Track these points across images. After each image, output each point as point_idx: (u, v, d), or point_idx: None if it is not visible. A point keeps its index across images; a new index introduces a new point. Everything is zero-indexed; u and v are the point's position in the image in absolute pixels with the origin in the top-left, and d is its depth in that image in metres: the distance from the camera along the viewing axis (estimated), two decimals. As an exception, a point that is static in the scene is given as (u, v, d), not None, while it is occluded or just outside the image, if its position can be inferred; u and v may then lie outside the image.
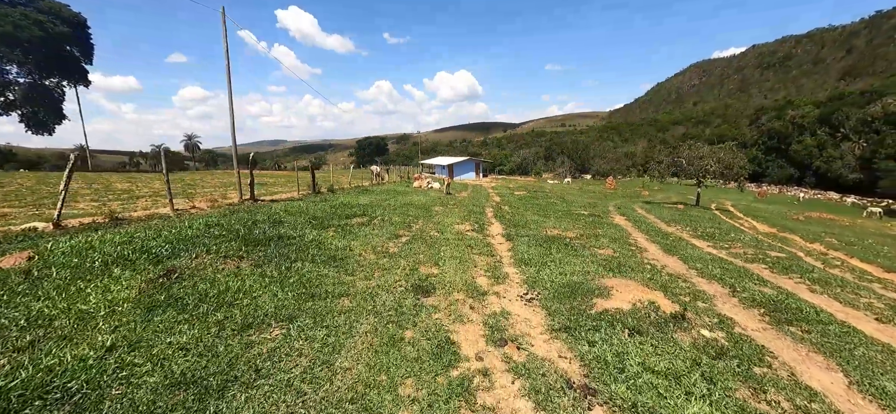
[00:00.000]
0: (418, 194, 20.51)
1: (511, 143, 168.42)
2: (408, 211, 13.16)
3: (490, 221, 12.69)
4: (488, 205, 17.80)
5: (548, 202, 20.92)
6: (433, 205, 15.95)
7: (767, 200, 50.11)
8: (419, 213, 13.03)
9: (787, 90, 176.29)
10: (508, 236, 9.84)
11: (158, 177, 30.60)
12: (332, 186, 18.91)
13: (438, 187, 26.93)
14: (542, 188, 35.87)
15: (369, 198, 16.64)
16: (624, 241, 10.57)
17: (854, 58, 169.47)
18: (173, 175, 36.33)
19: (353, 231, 8.89)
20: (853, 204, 52.48)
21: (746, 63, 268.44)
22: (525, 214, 14.79)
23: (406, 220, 11.22)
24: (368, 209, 12.63)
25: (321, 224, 9.40)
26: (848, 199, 58.01)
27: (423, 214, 12.95)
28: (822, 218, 30.66)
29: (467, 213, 14.05)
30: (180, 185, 20.59)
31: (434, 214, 13.04)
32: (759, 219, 25.31)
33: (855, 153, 75.50)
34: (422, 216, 12.32)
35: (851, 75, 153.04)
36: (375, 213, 12.05)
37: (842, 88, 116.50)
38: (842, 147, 79.87)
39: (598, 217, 15.71)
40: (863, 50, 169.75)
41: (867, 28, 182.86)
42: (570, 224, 12.87)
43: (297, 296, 4.60)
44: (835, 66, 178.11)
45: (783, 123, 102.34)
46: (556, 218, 14.33)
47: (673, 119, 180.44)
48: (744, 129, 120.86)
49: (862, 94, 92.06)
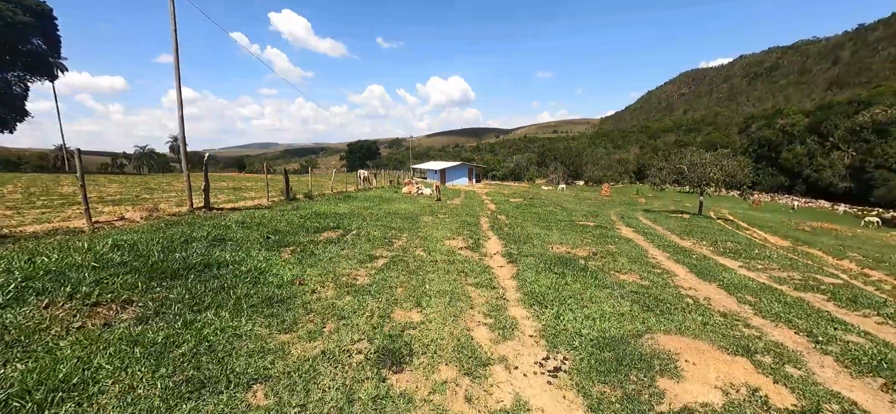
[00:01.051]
0: (406, 201, 18.70)
1: (504, 149, 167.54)
2: (391, 222, 11.33)
3: (486, 234, 10.92)
4: (483, 214, 16.06)
5: (546, 211, 19.26)
6: (422, 214, 14.15)
7: (763, 209, 49.20)
8: (405, 224, 11.21)
9: (776, 99, 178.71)
10: (510, 256, 8.06)
11: (130, 178, 28.33)
12: (311, 192, 16.98)
13: (429, 194, 25.16)
14: (538, 195, 34.29)
15: (350, 206, 14.78)
16: (644, 261, 8.87)
17: (840, 69, 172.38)
18: (148, 178, 34.01)
19: (316, 252, 7.02)
20: (845, 213, 52.22)
21: (734, 73, 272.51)
22: (525, 226, 13.06)
23: (388, 234, 9.40)
24: (345, 220, 10.77)
25: (279, 242, 7.53)
26: (839, 208, 57.78)
27: (409, 225, 11.14)
28: (825, 228, 29.55)
29: (460, 224, 12.27)
30: (139, 189, 18.49)
31: (422, 226, 11.23)
32: (766, 229, 23.98)
33: (845, 162, 75.78)
34: (407, 229, 10.50)
35: (838, 86, 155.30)
36: (352, 224, 10.20)
37: (829, 98, 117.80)
38: (831, 156, 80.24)
39: (605, 229, 14.05)
40: (848, 61, 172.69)
41: (852, 40, 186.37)
42: (577, 238, 11.16)
43: (171, 391, 2.73)
44: (821, 76, 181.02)
45: (773, 132, 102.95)
46: (560, 230, 12.62)
47: (664, 127, 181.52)
48: (734, 137, 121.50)
49: (849, 104, 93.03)
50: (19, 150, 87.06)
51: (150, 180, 27.93)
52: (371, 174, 33.46)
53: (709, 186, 26.27)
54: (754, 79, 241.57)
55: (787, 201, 62.16)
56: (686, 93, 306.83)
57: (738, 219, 29.70)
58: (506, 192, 34.05)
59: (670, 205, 38.12)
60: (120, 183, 22.04)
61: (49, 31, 35.61)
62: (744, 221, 28.13)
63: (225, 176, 42.02)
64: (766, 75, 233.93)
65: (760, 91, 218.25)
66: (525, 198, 28.18)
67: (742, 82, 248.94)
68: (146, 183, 23.82)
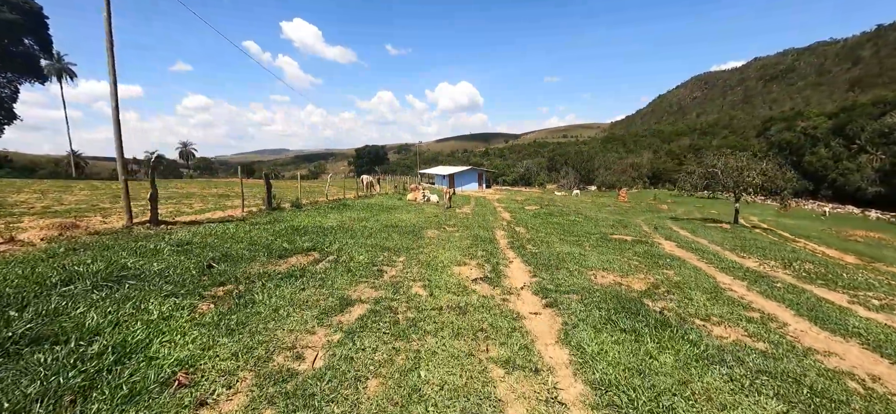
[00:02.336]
0: (410, 211, 16.52)
1: (513, 154, 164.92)
2: (387, 239, 9.15)
3: (505, 254, 8.66)
4: (498, 225, 13.80)
5: (568, 220, 16.93)
6: (426, 226, 11.95)
7: (791, 215, 45.99)
8: (403, 242, 9.03)
9: (794, 101, 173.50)
10: (545, 294, 5.80)
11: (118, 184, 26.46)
12: (299, 200, 14.87)
13: (436, 201, 22.96)
14: (554, 201, 31.89)
15: (342, 216, 12.65)
16: (725, 297, 6.53)
17: (861, 69, 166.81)
18: (146, 183, 32.04)
19: (259, 296, 4.78)
20: (878, 219, 49.51)
21: (749, 75, 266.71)
22: (550, 241, 10.78)
23: (378, 258, 7.21)
24: (328, 237, 8.62)
25: (221, 275, 5.39)
26: (871, 214, 54.73)
27: (408, 243, 8.95)
28: (876, 238, 26.67)
29: (472, 240, 10.04)
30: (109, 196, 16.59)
31: (424, 244, 9.03)
32: (814, 239, 21.34)
33: (873, 165, 72.16)
34: (405, 248, 8.31)
35: (860, 87, 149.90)
36: (335, 244, 8.05)
37: (852, 99, 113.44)
38: (859, 159, 76.67)
39: (646, 244, 11.69)
40: (869, 61, 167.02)
41: (871, 40, 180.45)
42: (621, 260, 8.85)
43: None
44: (841, 77, 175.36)
45: (795, 135, 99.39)
46: (595, 248, 10.31)
47: (677, 130, 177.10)
48: (752, 141, 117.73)
49: (874, 105, 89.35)
50: (33, 156, 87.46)
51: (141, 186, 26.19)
52: (374, 179, 31.39)
53: (747, 192, 23.69)
54: (769, 81, 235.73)
55: (814, 207, 58.83)
56: (698, 96, 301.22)
57: (776, 227, 27.00)
58: (519, 199, 31.70)
59: (695, 212, 35.37)
60: (97, 189, 20.23)
61: (39, 31, 34.26)
62: (784, 230, 25.42)
63: (221, 182, 40.35)
64: (781, 77, 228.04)
65: (776, 93, 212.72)
66: (541, 205, 25.83)
67: (757, 85, 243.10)
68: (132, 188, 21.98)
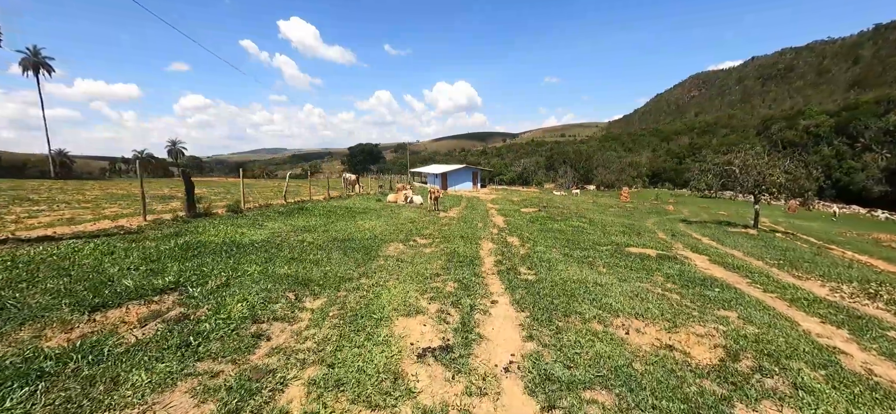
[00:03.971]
0: (383, 215, 13.88)
1: (511, 153, 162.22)
2: (320, 263, 6.47)
3: (488, 287, 5.99)
4: (486, 234, 11.16)
5: (571, 226, 14.32)
6: (392, 238, 9.31)
7: (802, 216, 43.59)
8: (342, 267, 6.35)
9: (793, 100, 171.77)
10: (549, 395, 3.14)
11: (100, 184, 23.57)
12: (239, 204, 12.11)
13: (420, 202, 20.32)
14: (552, 201, 29.25)
15: (285, 225, 9.97)
16: (843, 374, 3.93)
17: (862, 68, 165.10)
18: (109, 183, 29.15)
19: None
20: (888, 219, 47.84)
21: (747, 74, 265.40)
22: (551, 258, 8.17)
23: (274, 304, 4.39)
24: (225, 262, 5.93)
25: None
26: (880, 214, 53.09)
27: (349, 269, 6.28)
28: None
29: (446, 260, 7.39)
30: (45, 195, 13.91)
31: (373, 270, 6.36)
32: (844, 245, 18.84)
33: (879, 164, 70.45)
34: (338, 281, 5.61)
35: (860, 86, 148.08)
36: (226, 274, 5.36)
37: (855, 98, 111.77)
38: (864, 158, 75.06)
39: (672, 260, 9.10)
40: (869, 60, 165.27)
41: (871, 39, 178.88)
42: (651, 291, 6.26)
43: None
44: (841, 76, 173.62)
45: (797, 133, 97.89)
46: (613, 269, 7.70)
47: (676, 129, 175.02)
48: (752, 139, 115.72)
49: (877, 103, 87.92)
50: (24, 155, 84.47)
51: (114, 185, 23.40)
52: (353, 179, 28.71)
53: (769, 194, 21.21)
54: (768, 80, 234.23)
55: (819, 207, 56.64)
56: (696, 95, 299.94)
57: (795, 231, 24.54)
58: (515, 200, 29.05)
59: (703, 214, 32.86)
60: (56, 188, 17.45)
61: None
62: (805, 234, 22.97)
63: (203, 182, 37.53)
64: (780, 77, 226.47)
65: (775, 92, 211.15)
66: (538, 206, 23.21)
67: (755, 84, 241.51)
68: (81, 189, 19.26)
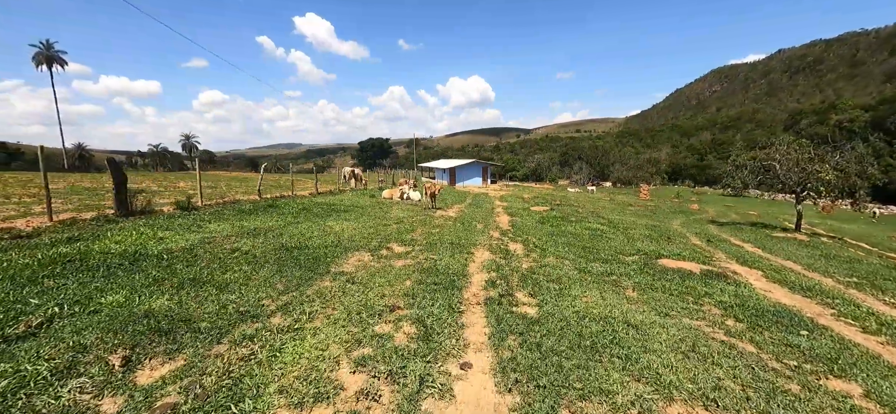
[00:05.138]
0: (367, 213, 12.00)
1: (524, 149, 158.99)
2: (217, 294, 4.59)
3: (464, 327, 4.02)
4: (484, 240, 9.14)
5: (587, 228, 12.19)
6: (362, 245, 7.40)
7: (838, 217, 40.09)
8: (257, 296, 4.44)
9: (824, 94, 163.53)
10: None
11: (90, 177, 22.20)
12: (190, 201, 10.30)
13: (419, 199, 18.42)
14: (566, 199, 26.99)
15: (227, 227, 8.14)
16: None
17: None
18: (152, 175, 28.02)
19: None
20: None
21: (773, 67, 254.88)
22: (562, 275, 6.15)
23: (63, 392, 2.74)
24: (69, 300, 4.10)
25: None
26: (924, 216, 48.96)
27: (267, 299, 4.41)
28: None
29: (418, 279, 5.43)
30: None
31: (306, 298, 4.47)
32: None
33: (920, 161, 65.84)
34: (219, 332, 3.73)
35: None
36: (27, 333, 3.61)
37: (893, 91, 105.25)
38: (904, 154, 70.28)
39: (720, 278, 6.98)
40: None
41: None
42: (706, 335, 4.23)
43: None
44: (876, 68, 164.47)
45: (828, 128, 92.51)
46: (645, 292, 5.65)
47: (697, 124, 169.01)
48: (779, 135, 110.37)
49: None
50: (49, 150, 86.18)
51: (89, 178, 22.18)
52: (349, 172, 26.94)
53: (816, 193, 18.64)
54: (796, 73, 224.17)
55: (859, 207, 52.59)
56: (718, 90, 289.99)
57: (840, 234, 21.84)
58: (526, 197, 26.87)
59: (732, 214, 30.11)
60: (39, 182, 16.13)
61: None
62: (855, 239, 20.28)
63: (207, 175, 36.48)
64: (809, 69, 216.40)
65: (804, 86, 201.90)
66: (551, 204, 21.05)
67: (783, 77, 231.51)
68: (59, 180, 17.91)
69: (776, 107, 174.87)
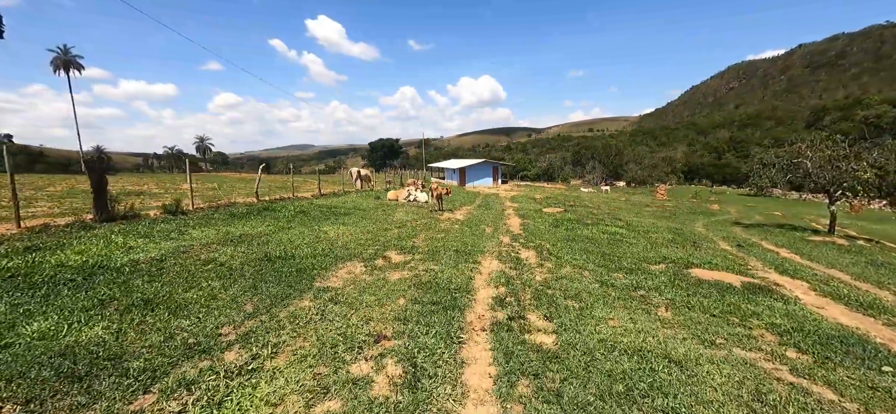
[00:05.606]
0: (370, 217, 11.30)
1: (536, 148, 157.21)
2: (168, 319, 3.93)
3: (462, 364, 3.26)
4: (492, 245, 8.32)
5: (607, 234, 11.26)
6: (357, 252, 6.67)
7: (868, 218, 38.00)
8: (218, 320, 3.78)
9: (848, 89, 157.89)
10: None
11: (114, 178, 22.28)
12: (178, 204, 9.67)
13: (425, 200, 17.69)
14: (580, 200, 25.94)
15: (211, 233, 7.49)
16: None
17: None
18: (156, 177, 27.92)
19: None
20: None
21: (793, 63, 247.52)
22: (580, 289, 5.31)
23: None
24: None
25: None
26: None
27: (228, 324, 3.73)
28: None
29: (414, 297, 4.70)
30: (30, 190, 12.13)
31: (278, 323, 3.76)
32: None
33: (955, 159, 62.41)
34: (146, 380, 3.12)
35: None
36: None
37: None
38: (937, 151, 66.75)
39: (763, 293, 6.06)
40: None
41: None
42: (773, 373, 3.37)
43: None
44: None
45: (854, 125, 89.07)
46: (680, 313, 4.77)
47: (714, 122, 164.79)
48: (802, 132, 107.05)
49: (951, 91, 78.47)
50: (67, 152, 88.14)
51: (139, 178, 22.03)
52: (365, 173, 26.39)
53: (852, 193, 17.33)
54: (817, 68, 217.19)
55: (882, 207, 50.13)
56: (736, 87, 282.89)
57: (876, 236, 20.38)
58: (538, 198, 25.93)
59: (755, 214, 28.60)
60: None
61: None
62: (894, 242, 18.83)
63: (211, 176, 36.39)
64: (831, 64, 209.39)
65: (826, 81, 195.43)
66: (564, 205, 20.10)
67: (803, 73, 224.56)
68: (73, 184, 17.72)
69: (797, 103, 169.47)
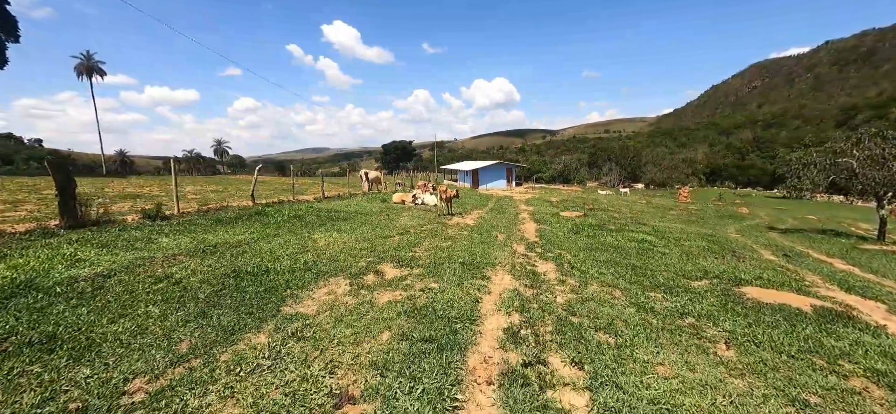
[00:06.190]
0: (372, 222, 10.36)
1: (550, 150, 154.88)
2: (41, 375, 3.08)
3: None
4: (504, 256, 7.25)
5: (635, 242, 10.05)
6: (347, 265, 5.70)
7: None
8: (129, 368, 2.91)
9: (880, 87, 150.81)
10: None
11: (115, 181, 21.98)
12: (160, 209, 8.84)
13: (434, 204, 16.71)
14: (599, 202, 24.58)
15: (185, 240, 6.63)
16: None
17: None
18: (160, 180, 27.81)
19: None
20: None
21: (819, 60, 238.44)
22: (614, 316, 4.23)
23: None
24: None
25: None
26: None
27: (140, 373, 2.84)
28: None
29: (402, 330, 3.68)
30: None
31: (206, 376, 2.85)
32: None
33: None
34: None
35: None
36: None
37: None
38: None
39: (843, 322, 4.85)
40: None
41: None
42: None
43: None
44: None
45: (889, 123, 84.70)
46: (757, 363, 3.67)
47: (736, 122, 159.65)
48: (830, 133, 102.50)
49: None
50: (93, 155, 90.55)
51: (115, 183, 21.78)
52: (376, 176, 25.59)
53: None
54: (846, 66, 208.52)
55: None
56: (758, 86, 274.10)
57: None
58: (554, 200, 24.66)
59: (788, 218, 26.69)
60: None
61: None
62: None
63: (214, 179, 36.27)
64: (861, 61, 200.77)
65: (856, 79, 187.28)
66: (583, 209, 18.84)
67: (831, 71, 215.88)
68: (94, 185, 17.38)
69: (824, 102, 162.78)
